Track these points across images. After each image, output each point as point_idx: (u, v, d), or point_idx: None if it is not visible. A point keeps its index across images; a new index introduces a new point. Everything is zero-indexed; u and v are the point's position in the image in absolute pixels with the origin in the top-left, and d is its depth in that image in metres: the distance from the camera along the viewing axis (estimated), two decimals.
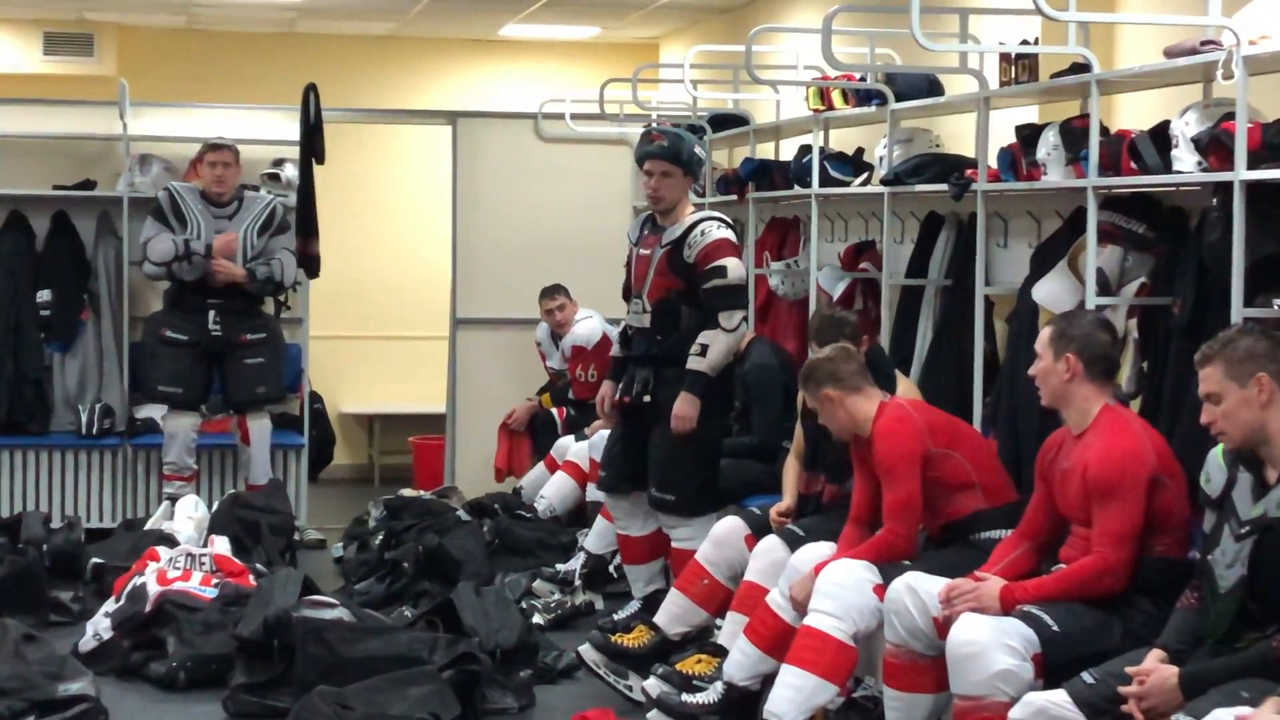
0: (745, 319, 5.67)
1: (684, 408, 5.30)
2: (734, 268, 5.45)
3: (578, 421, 7.37)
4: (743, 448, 6.03)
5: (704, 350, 5.28)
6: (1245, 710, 3.06)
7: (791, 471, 5.41)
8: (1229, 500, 3.60)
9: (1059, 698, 3.58)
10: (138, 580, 5.81)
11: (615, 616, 5.75)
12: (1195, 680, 3.35)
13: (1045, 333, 4.26)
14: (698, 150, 5.65)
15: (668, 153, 5.51)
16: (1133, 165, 4.77)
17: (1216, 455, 3.75)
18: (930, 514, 4.63)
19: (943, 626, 4.12)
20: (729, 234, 5.54)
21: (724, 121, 7.80)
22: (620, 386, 5.67)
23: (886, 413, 4.47)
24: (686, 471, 5.45)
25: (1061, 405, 4.13)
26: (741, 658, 4.71)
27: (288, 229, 7.29)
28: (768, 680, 4.65)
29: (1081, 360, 4.03)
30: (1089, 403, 4.07)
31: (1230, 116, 4.28)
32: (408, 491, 7.77)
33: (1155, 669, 3.42)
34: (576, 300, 7.49)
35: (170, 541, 6.30)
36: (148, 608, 5.68)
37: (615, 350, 5.97)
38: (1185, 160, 4.48)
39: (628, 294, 5.78)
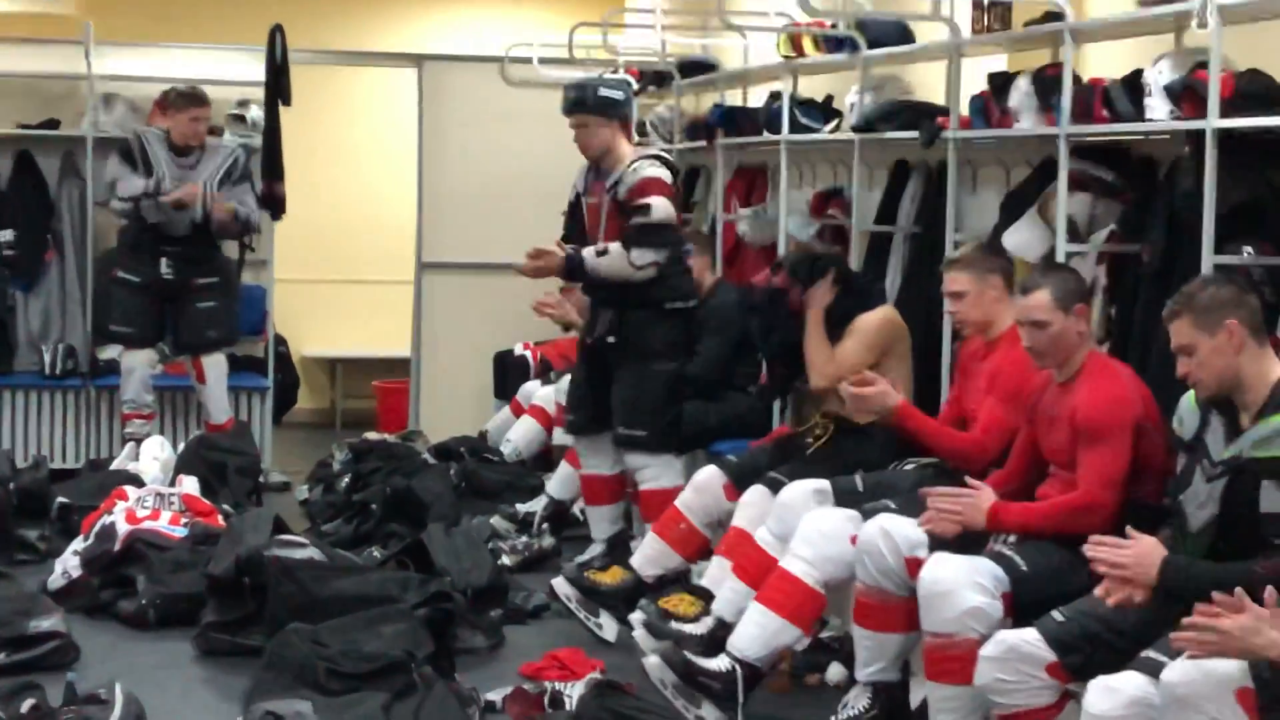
0: (658, 263, 5.28)
1: (550, 260, 5.33)
2: (659, 206, 5.34)
3: (547, 366, 7.54)
4: (679, 375, 5.89)
5: (604, 252, 5.22)
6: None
7: None
8: (1201, 443, 3.59)
9: (1030, 635, 3.61)
10: (106, 519, 5.83)
11: (578, 559, 5.83)
12: (1176, 571, 3.31)
13: (1041, 294, 4.15)
14: (605, 93, 5.54)
15: (575, 104, 5.57)
16: (1105, 114, 4.85)
17: (1189, 400, 3.78)
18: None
19: (914, 566, 4.15)
20: (660, 172, 5.45)
21: (693, 68, 7.89)
22: (584, 329, 5.90)
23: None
24: (652, 408, 5.51)
25: (1064, 358, 4.09)
26: (732, 595, 4.77)
27: (249, 178, 7.26)
28: None
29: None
30: (1076, 350, 4.10)
31: (1203, 65, 4.30)
32: (372, 435, 7.72)
33: (1143, 539, 3.37)
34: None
35: (137, 482, 6.35)
36: (117, 546, 5.69)
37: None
38: (1158, 109, 4.54)
39: (566, 243, 5.90)
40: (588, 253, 5.43)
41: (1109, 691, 3.30)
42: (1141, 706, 3.23)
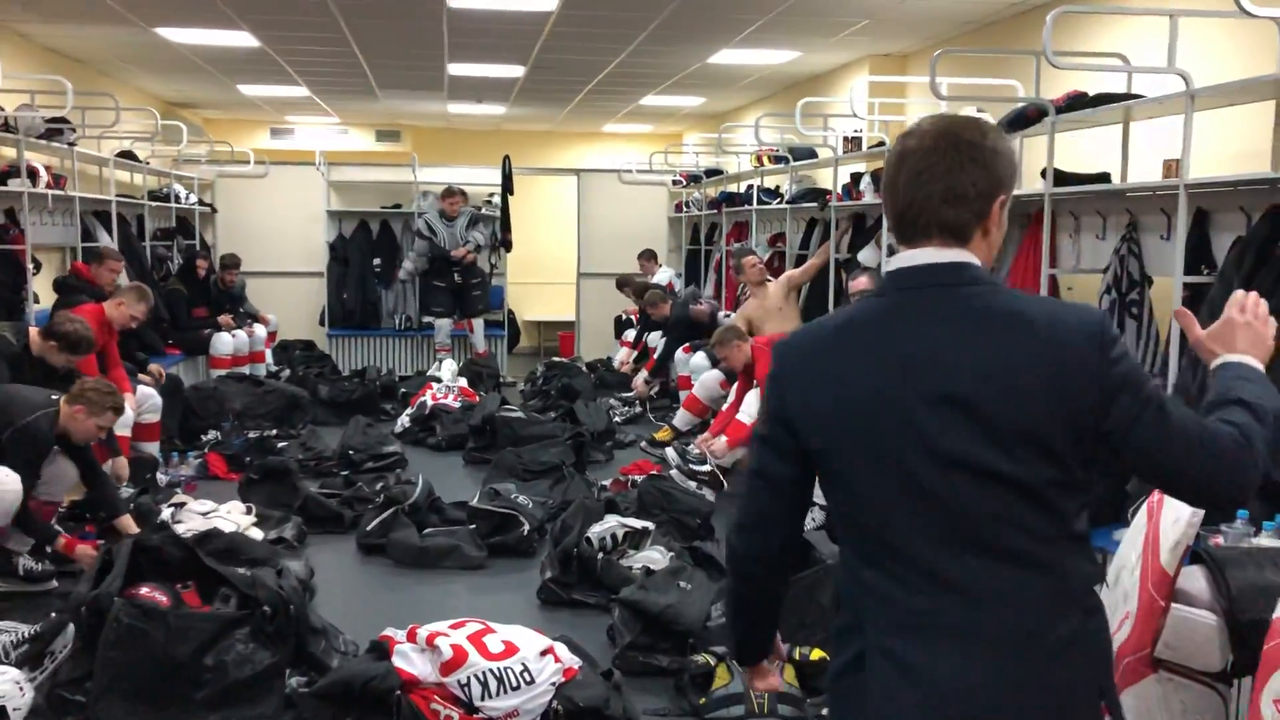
0: None
1: None
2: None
3: (631, 322, 10.52)
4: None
5: None
6: None
7: None
8: None
9: None
10: (423, 398, 8.25)
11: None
12: None
13: (864, 279, 5.87)
14: None
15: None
16: None
17: None
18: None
19: None
20: None
21: (711, 173, 10.95)
22: None
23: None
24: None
25: None
26: (685, 416, 7.31)
27: (479, 221, 10.54)
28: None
29: None
30: None
31: None
32: (556, 358, 11.35)
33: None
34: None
35: (438, 380, 8.85)
36: (427, 411, 8.05)
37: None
38: None
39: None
40: None
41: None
42: None
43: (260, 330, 9.78)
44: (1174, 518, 2.28)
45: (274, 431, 7.55)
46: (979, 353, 1.60)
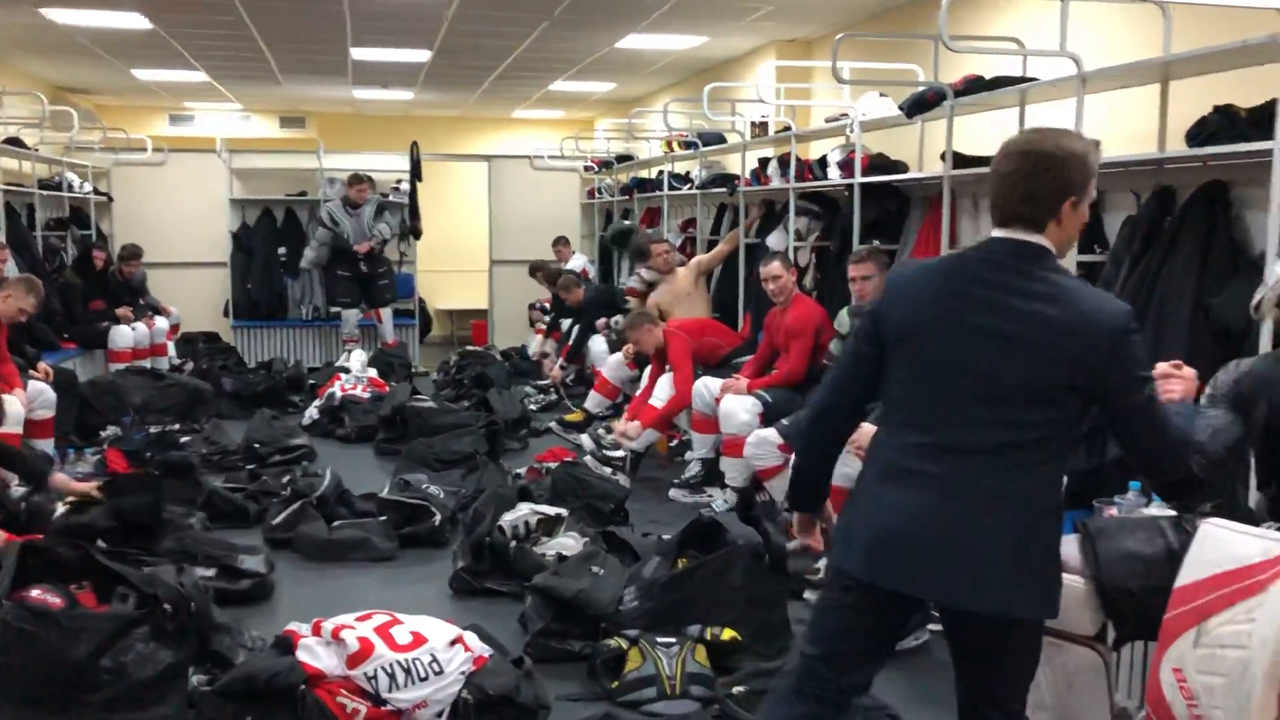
0: None
1: None
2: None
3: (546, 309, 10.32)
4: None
5: None
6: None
7: None
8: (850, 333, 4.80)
9: (770, 433, 5.17)
10: (331, 389, 8.10)
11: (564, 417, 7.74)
12: None
13: (776, 264, 5.85)
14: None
15: None
16: (811, 176, 6.53)
17: (844, 313, 5.24)
18: (712, 357, 6.64)
19: (718, 401, 5.84)
20: None
21: (622, 159, 10.87)
22: None
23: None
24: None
25: (786, 297, 5.73)
26: (596, 397, 7.29)
27: (387, 209, 10.21)
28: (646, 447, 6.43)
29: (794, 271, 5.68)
30: (791, 291, 5.81)
31: (854, 150, 6.01)
32: (470, 347, 11.12)
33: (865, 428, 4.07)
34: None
35: (346, 371, 8.63)
36: (336, 402, 7.90)
37: None
38: (834, 173, 6.27)
39: None
40: None
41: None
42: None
43: (162, 323, 9.49)
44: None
45: (176, 426, 7.33)
46: (1028, 308, 2.18)
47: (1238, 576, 2.23)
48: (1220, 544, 2.31)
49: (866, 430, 3.65)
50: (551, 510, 4.83)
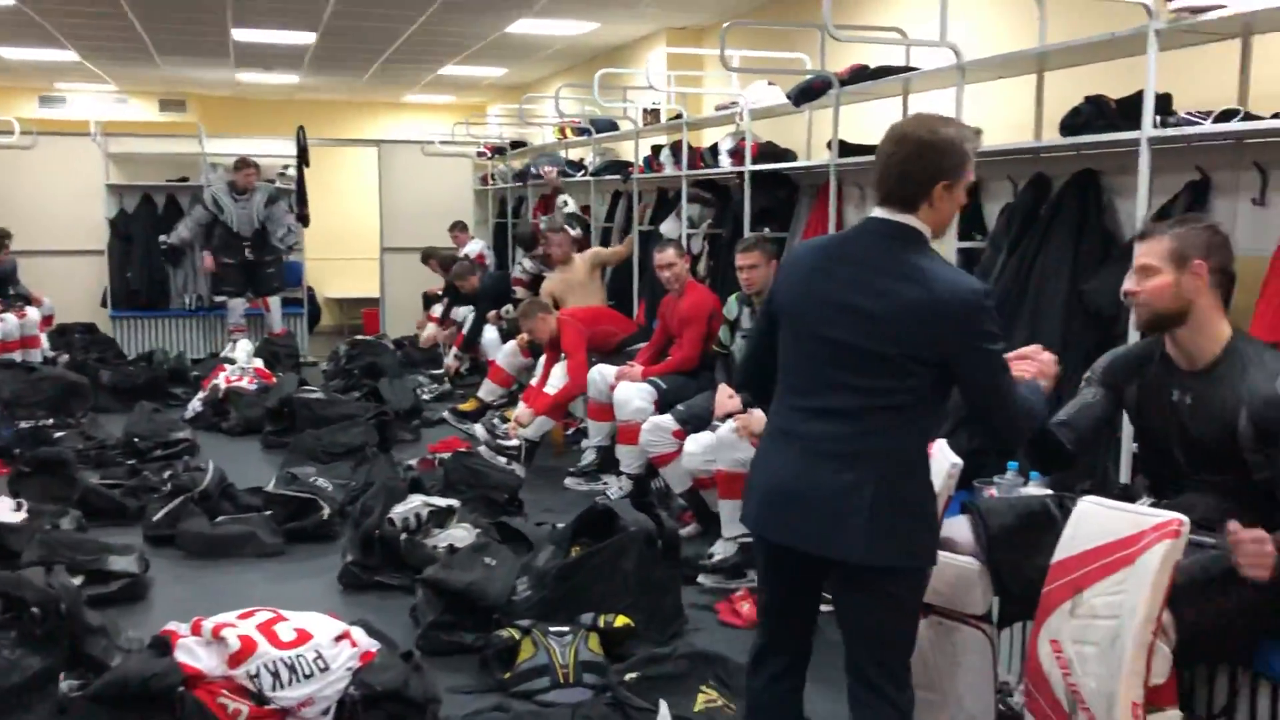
0: None
1: None
2: None
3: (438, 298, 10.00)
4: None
5: None
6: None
7: None
8: (738, 319, 5.16)
9: (665, 419, 5.20)
10: (216, 381, 7.90)
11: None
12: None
13: (670, 252, 5.84)
14: None
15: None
16: (702, 164, 6.60)
17: (732, 300, 5.26)
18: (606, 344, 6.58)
19: (613, 389, 5.82)
20: None
21: (515, 145, 10.79)
22: None
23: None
24: None
25: (681, 285, 5.80)
26: (490, 385, 7.15)
27: (279, 199, 9.91)
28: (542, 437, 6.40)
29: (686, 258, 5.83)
30: (684, 279, 5.85)
31: (744, 138, 6.02)
32: (361, 336, 10.78)
33: (756, 414, 4.15)
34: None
35: (231, 362, 8.36)
36: (220, 394, 7.73)
37: None
38: (725, 161, 6.33)
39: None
40: None
41: (694, 440, 4.85)
42: (707, 447, 4.72)
43: (33, 313, 9.11)
44: (936, 469, 2.42)
45: (49, 421, 7.08)
46: (886, 285, 2.33)
47: (1110, 550, 2.31)
48: (1095, 520, 2.38)
49: (758, 417, 4.09)
50: (444, 502, 4.77)
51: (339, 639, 3.08)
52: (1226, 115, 3.23)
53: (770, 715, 2.59)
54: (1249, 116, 3.31)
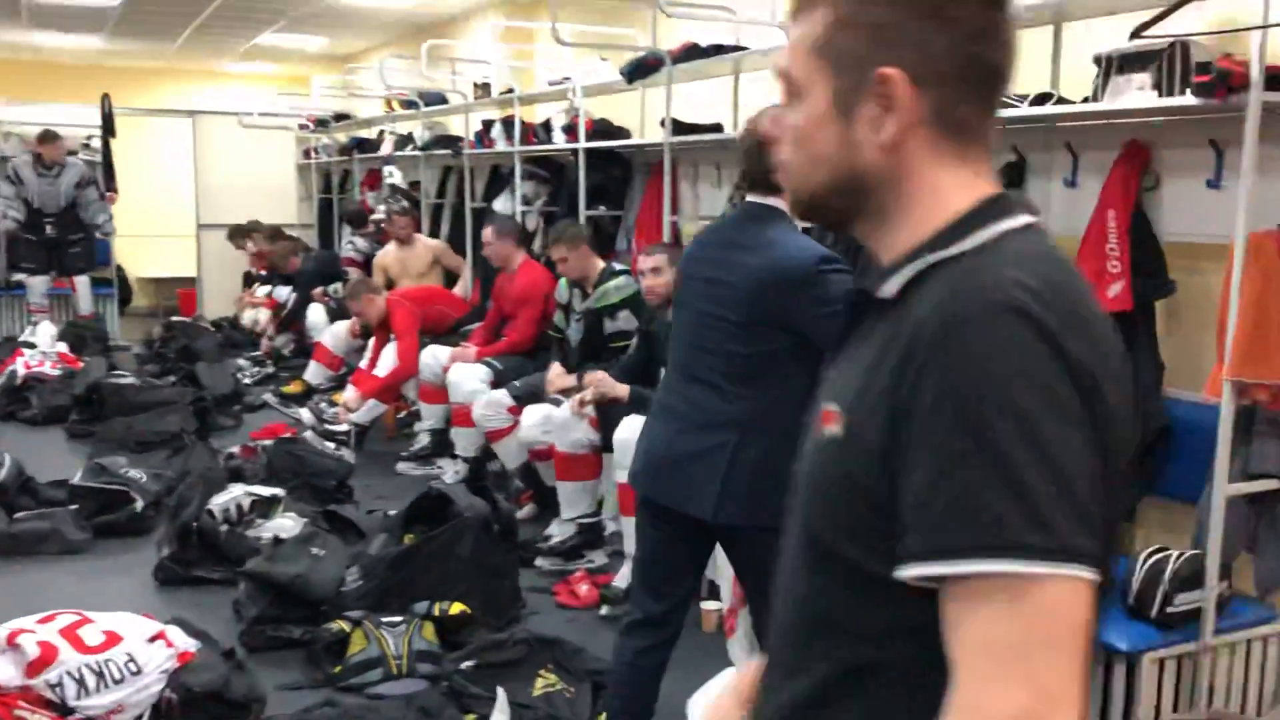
0: None
1: None
2: None
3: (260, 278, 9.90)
4: None
5: None
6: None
7: None
8: (569, 303, 5.26)
9: (500, 394, 5.16)
10: (13, 366, 7.49)
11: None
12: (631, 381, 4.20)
13: (488, 230, 5.82)
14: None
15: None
16: (535, 140, 6.57)
17: (563, 283, 5.33)
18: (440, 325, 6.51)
19: (447, 370, 5.80)
20: None
21: (340, 118, 10.51)
22: None
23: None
24: None
25: (506, 263, 5.79)
26: (316, 367, 7.04)
27: (93, 181, 9.48)
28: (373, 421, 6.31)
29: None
30: (514, 256, 5.86)
31: (577, 114, 6.05)
32: (176, 318, 10.37)
33: (600, 374, 4.32)
34: None
35: (31, 346, 7.96)
36: (19, 381, 7.32)
37: None
38: (559, 138, 6.30)
39: None
40: None
41: (531, 412, 4.84)
42: (545, 418, 4.76)
43: None
44: None
45: None
46: (737, 259, 2.59)
47: None
48: None
49: (599, 375, 4.55)
50: (267, 491, 4.61)
51: (153, 639, 2.89)
52: (1041, 99, 3.32)
53: (627, 685, 2.82)
54: (1061, 100, 3.44)
